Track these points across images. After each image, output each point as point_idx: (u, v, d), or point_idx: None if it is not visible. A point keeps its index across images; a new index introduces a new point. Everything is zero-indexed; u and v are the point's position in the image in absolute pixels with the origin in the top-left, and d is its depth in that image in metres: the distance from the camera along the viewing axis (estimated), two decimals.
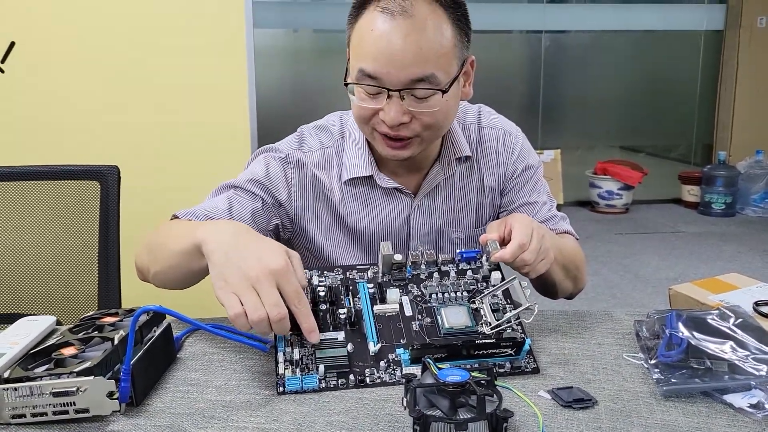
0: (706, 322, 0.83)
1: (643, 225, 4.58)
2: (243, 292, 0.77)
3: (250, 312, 0.76)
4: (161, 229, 1.04)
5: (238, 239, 0.84)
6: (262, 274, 0.78)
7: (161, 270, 0.99)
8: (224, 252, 0.82)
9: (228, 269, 0.80)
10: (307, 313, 0.80)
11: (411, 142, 1.01)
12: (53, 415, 0.71)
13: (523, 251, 0.92)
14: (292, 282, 0.79)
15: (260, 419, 0.73)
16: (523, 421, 0.71)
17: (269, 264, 0.79)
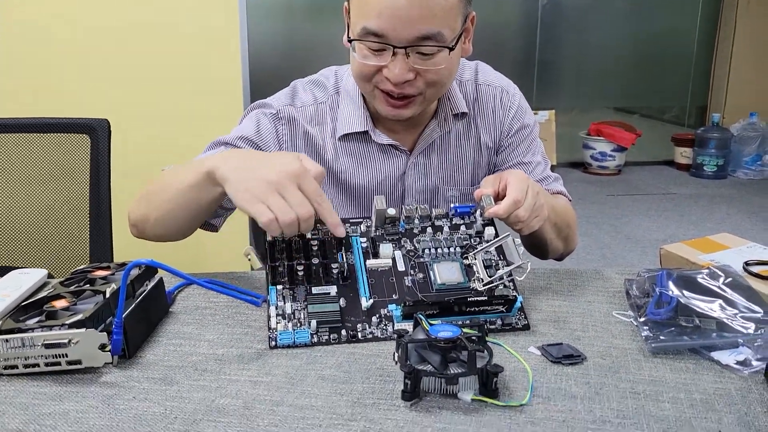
0: (696, 281, 0.84)
1: (635, 186, 4.59)
2: (268, 197, 0.80)
3: (280, 215, 0.79)
4: (156, 180, 1.02)
5: (249, 156, 0.88)
6: (284, 177, 0.80)
7: (163, 214, 0.96)
8: (239, 168, 0.84)
9: (248, 181, 0.82)
10: (330, 209, 0.83)
11: (413, 101, 1.00)
12: (45, 367, 0.71)
13: (518, 207, 0.91)
14: (312, 181, 0.82)
15: (252, 372, 0.74)
16: (513, 376, 0.72)
17: (286, 167, 0.81)
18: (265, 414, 0.66)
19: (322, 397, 0.69)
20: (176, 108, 2.17)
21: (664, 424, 0.64)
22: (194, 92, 2.17)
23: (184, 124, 2.15)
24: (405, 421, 0.64)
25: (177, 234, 1.00)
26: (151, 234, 1.01)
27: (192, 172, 0.90)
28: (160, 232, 1.00)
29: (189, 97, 2.17)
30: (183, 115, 2.16)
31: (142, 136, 2.09)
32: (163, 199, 0.96)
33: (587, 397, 0.69)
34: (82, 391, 0.69)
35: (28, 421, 0.64)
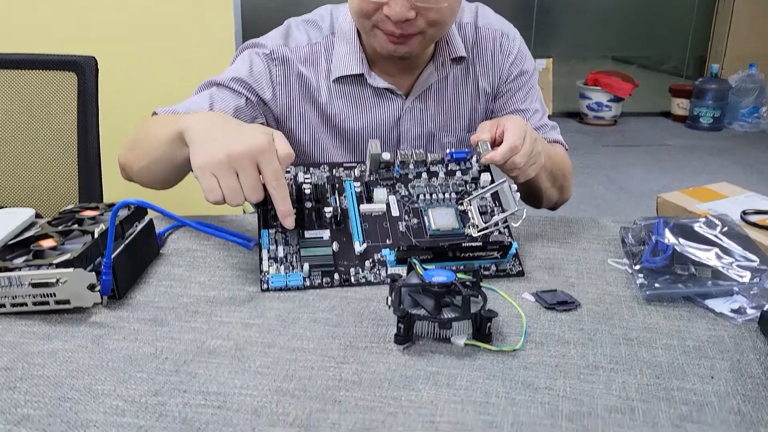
0: (693, 229, 0.83)
1: (631, 138, 4.56)
2: (222, 174, 0.75)
3: (228, 197, 0.76)
4: (143, 126, 1.00)
5: (221, 122, 0.82)
6: (244, 152, 0.75)
7: (145, 165, 0.95)
8: (206, 133, 0.80)
9: (209, 148, 0.77)
10: (285, 196, 0.77)
11: (413, 38, 0.97)
12: (33, 306, 0.70)
13: (515, 154, 0.90)
14: (273, 162, 0.76)
15: (244, 314, 0.73)
16: (506, 321, 0.72)
17: (251, 141, 0.76)
18: (256, 356, 0.65)
19: (314, 340, 0.68)
20: (166, 46, 2.11)
21: (656, 370, 0.64)
22: (184, 30, 2.11)
23: (173, 63, 2.10)
24: (397, 364, 0.64)
25: (161, 185, 0.99)
26: (137, 180, 1.01)
27: (168, 127, 0.87)
28: (145, 180, 0.99)
29: (179, 35, 2.11)
30: (172, 55, 2.11)
31: (131, 75, 2.04)
32: (145, 149, 0.95)
33: (580, 342, 0.68)
34: (71, 331, 0.69)
35: (16, 360, 0.63)
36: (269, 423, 0.55)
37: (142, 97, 2.04)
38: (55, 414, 0.56)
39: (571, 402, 0.59)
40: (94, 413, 0.56)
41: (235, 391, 0.60)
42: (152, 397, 0.58)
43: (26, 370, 0.62)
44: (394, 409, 0.57)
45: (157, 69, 2.10)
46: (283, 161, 0.77)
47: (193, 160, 0.78)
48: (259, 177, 0.76)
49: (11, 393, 0.58)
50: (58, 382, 0.60)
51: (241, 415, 0.56)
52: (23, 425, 0.54)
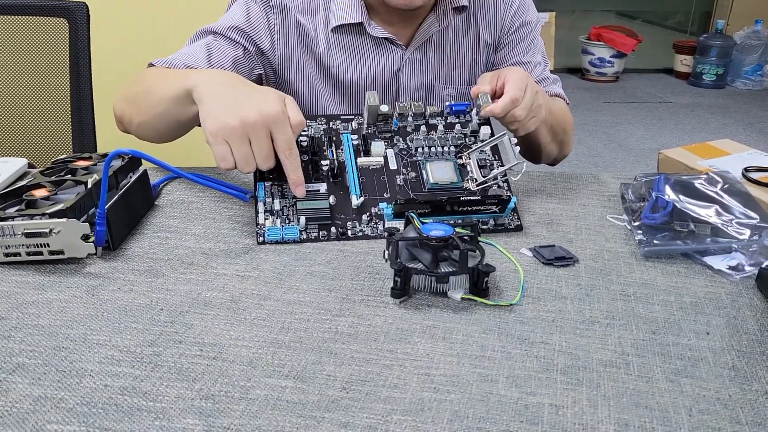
0: (694, 186, 0.82)
1: (632, 94, 4.51)
2: (236, 141, 0.74)
3: (240, 165, 0.75)
4: (142, 77, 0.97)
5: (232, 85, 0.80)
6: (258, 120, 0.73)
7: (146, 120, 0.93)
8: (217, 96, 0.78)
9: (222, 114, 0.75)
10: (297, 165, 0.77)
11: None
12: (27, 256, 0.69)
13: (515, 106, 0.88)
14: (286, 131, 0.75)
15: (240, 267, 0.72)
16: (504, 276, 0.72)
17: (265, 109, 0.74)
18: (252, 308, 0.65)
19: (311, 293, 0.68)
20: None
21: (652, 325, 0.64)
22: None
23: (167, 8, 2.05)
24: (394, 317, 0.64)
25: (161, 139, 0.97)
26: (135, 133, 0.98)
27: (174, 84, 0.85)
28: (144, 135, 0.97)
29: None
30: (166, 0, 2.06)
31: (124, 20, 2.00)
32: (145, 105, 0.92)
33: (577, 298, 0.68)
34: (66, 281, 0.68)
35: (11, 309, 0.63)
36: (264, 374, 0.55)
37: (135, 44, 2.00)
38: (50, 363, 0.56)
39: (567, 356, 0.59)
40: (89, 363, 0.56)
41: (231, 342, 0.59)
42: (147, 347, 0.58)
43: (20, 320, 0.62)
44: (390, 362, 0.57)
45: (151, 14, 2.05)
46: (295, 129, 0.77)
47: (206, 124, 0.76)
48: (272, 145, 0.75)
49: (6, 342, 0.58)
50: (52, 331, 0.60)
51: (236, 366, 0.56)
52: (18, 374, 0.54)
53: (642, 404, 0.53)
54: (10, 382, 0.53)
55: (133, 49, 1.99)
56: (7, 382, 0.53)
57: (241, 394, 0.53)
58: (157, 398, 0.52)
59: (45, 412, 0.50)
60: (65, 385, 0.53)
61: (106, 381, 0.54)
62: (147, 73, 0.97)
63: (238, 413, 0.51)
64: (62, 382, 0.53)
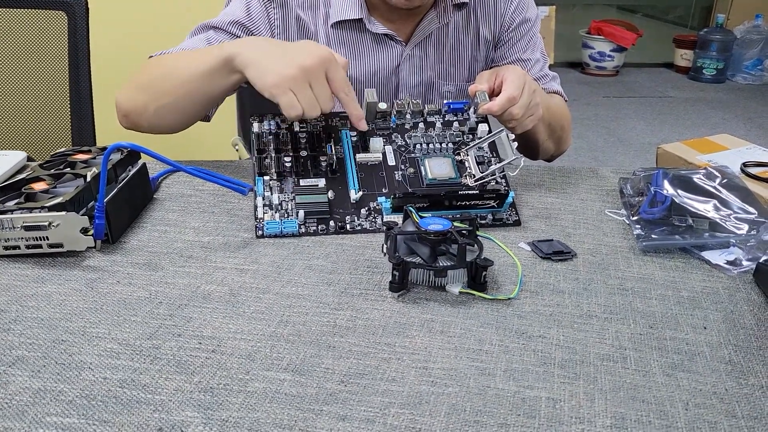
0: (692, 181, 0.83)
1: (632, 89, 4.50)
2: (299, 88, 0.78)
3: (307, 109, 0.79)
4: (152, 65, 0.96)
5: (273, 43, 0.86)
6: (315, 64, 0.78)
7: (169, 102, 0.91)
8: (265, 54, 0.82)
9: (278, 66, 0.79)
10: (355, 101, 0.83)
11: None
12: (26, 249, 0.69)
13: (513, 104, 0.88)
14: (339, 71, 0.80)
15: (239, 260, 0.73)
16: (502, 270, 0.72)
17: (317, 53, 0.79)
18: (251, 301, 0.65)
19: (309, 287, 0.68)
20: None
21: (650, 320, 0.64)
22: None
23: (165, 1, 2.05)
24: (392, 311, 0.64)
25: (176, 125, 0.95)
26: (146, 125, 0.96)
27: (208, 57, 0.86)
28: (159, 122, 0.94)
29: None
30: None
31: (123, 14, 1.99)
32: (172, 85, 0.91)
33: (575, 292, 0.68)
34: (65, 274, 0.68)
35: (10, 302, 0.63)
36: (263, 367, 0.56)
37: (134, 37, 1.99)
38: (49, 356, 0.56)
39: (564, 350, 0.59)
40: (88, 356, 0.56)
41: (230, 335, 0.60)
42: (146, 340, 0.59)
43: (20, 313, 0.62)
44: (388, 355, 0.58)
45: (149, 8, 2.04)
46: (344, 68, 0.81)
47: (266, 80, 0.79)
48: (329, 87, 0.80)
49: (5, 335, 0.58)
50: (52, 324, 0.60)
51: (235, 359, 0.57)
52: (17, 366, 0.54)
53: (639, 398, 0.54)
54: (9, 375, 0.53)
55: (131, 42, 1.98)
56: (7, 374, 0.53)
57: (240, 387, 0.53)
58: (156, 391, 0.52)
59: (44, 405, 0.50)
60: (64, 377, 0.53)
61: (105, 374, 0.54)
62: (159, 60, 0.96)
63: (236, 406, 0.51)
64: (61, 375, 0.54)
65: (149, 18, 2.04)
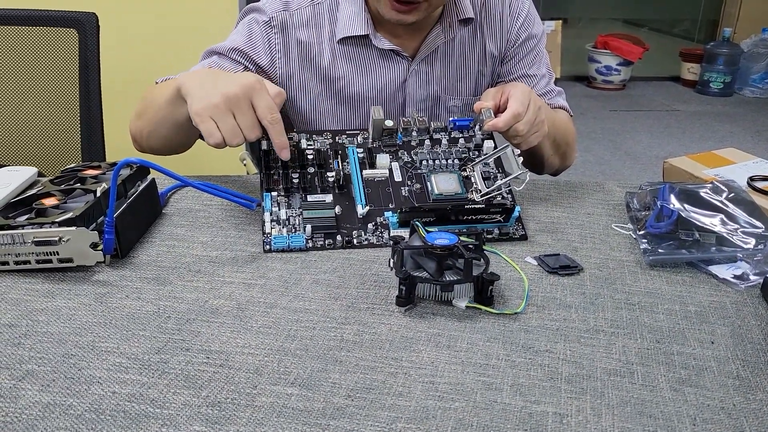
0: (699, 195, 0.83)
1: (639, 102, 4.51)
2: (220, 116, 0.78)
3: (228, 138, 0.79)
4: (146, 93, 1.01)
5: (213, 73, 0.87)
6: (238, 92, 0.78)
7: (152, 129, 0.96)
8: (199, 83, 0.83)
9: (205, 94, 0.80)
10: (280, 130, 0.81)
11: (418, 7, 0.95)
12: (37, 264, 0.70)
13: (518, 121, 0.89)
14: (266, 98, 0.80)
15: (246, 275, 0.73)
16: (508, 285, 0.72)
17: (243, 82, 0.79)
18: (258, 315, 0.65)
19: (317, 301, 0.68)
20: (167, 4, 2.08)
21: (657, 334, 0.64)
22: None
23: (175, 21, 2.07)
24: (399, 326, 0.64)
25: (170, 149, 1.00)
26: (147, 148, 1.01)
27: (168, 88, 0.90)
28: (155, 146, 1.00)
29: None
30: (174, 12, 2.08)
31: (132, 32, 2.01)
32: (152, 114, 0.96)
33: (582, 306, 0.68)
34: (75, 289, 0.69)
35: (21, 316, 0.64)
36: (270, 382, 0.56)
37: (143, 55, 2.02)
38: (59, 370, 0.56)
39: (571, 365, 0.59)
40: (97, 370, 0.57)
41: (237, 350, 0.60)
42: (155, 354, 0.59)
43: (30, 327, 0.62)
44: (395, 370, 0.58)
45: (159, 26, 2.07)
46: (275, 99, 0.81)
47: (191, 107, 0.81)
48: (255, 115, 0.79)
49: (16, 349, 0.59)
50: (61, 339, 0.61)
51: (242, 373, 0.57)
52: (27, 380, 0.55)
53: (646, 413, 0.53)
54: (19, 389, 0.54)
55: (141, 59, 2.00)
56: (17, 388, 0.54)
57: (247, 402, 0.53)
58: (164, 405, 0.53)
59: (54, 419, 0.51)
60: (74, 392, 0.54)
61: (114, 388, 0.54)
62: (150, 89, 1.01)
63: (244, 420, 0.51)
64: (71, 389, 0.54)
65: (159, 35, 2.06)
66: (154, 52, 2.02)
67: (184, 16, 2.07)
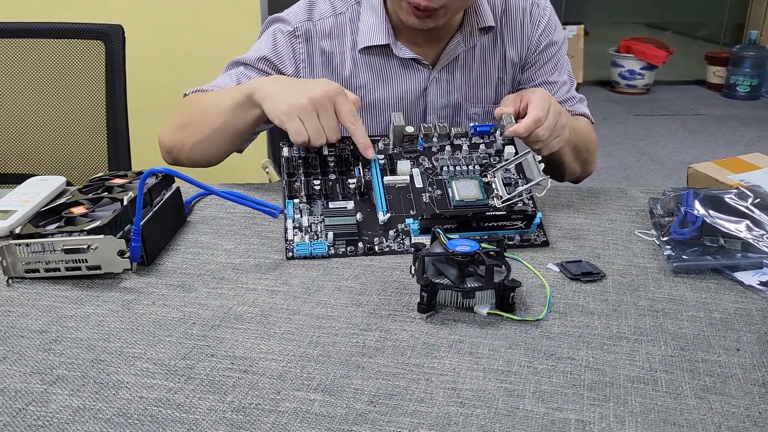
0: (724, 201, 0.82)
1: (664, 107, 4.46)
2: (307, 116, 0.83)
3: (313, 138, 0.83)
4: (188, 105, 1.02)
5: (289, 79, 0.95)
6: (323, 95, 0.83)
7: (202, 138, 0.97)
8: (280, 88, 0.87)
9: (290, 96, 0.84)
10: (363, 132, 0.87)
11: (438, 12, 0.96)
12: (66, 271, 0.72)
13: (538, 126, 0.89)
14: (347, 103, 0.85)
15: (269, 282, 0.74)
16: (530, 291, 0.72)
17: (327, 87, 0.84)
18: (281, 322, 0.66)
19: (339, 307, 0.69)
20: (191, 16, 2.11)
21: (681, 342, 0.63)
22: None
23: (199, 32, 2.10)
24: (420, 332, 0.65)
25: (212, 159, 1.01)
26: (185, 160, 1.01)
27: (232, 95, 0.93)
28: (196, 157, 1.00)
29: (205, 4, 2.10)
30: (198, 24, 2.11)
31: (158, 44, 2.05)
32: (200, 125, 0.97)
33: (605, 313, 0.68)
34: (103, 296, 0.71)
35: (51, 323, 0.65)
36: (294, 387, 0.57)
37: (169, 66, 2.05)
38: (88, 375, 0.58)
39: (594, 372, 0.59)
40: (125, 375, 0.58)
41: (261, 356, 0.61)
42: (181, 360, 0.60)
43: (60, 333, 0.64)
44: (417, 376, 0.58)
45: (183, 37, 2.10)
46: (354, 104, 0.86)
47: (277, 107, 0.85)
48: (336, 119, 0.85)
49: (46, 354, 0.60)
50: (90, 344, 0.62)
51: (266, 379, 0.58)
52: (58, 385, 0.56)
53: (670, 421, 0.53)
54: (51, 393, 0.55)
55: (166, 69, 2.04)
56: (48, 393, 0.55)
57: (271, 407, 0.54)
58: (190, 410, 0.54)
59: (84, 423, 0.52)
60: (103, 396, 0.55)
61: (142, 393, 0.56)
62: (193, 99, 1.02)
63: (268, 425, 0.52)
64: (100, 394, 0.55)
65: (183, 46, 2.09)
66: (178, 63, 2.06)
67: (207, 28, 2.10)
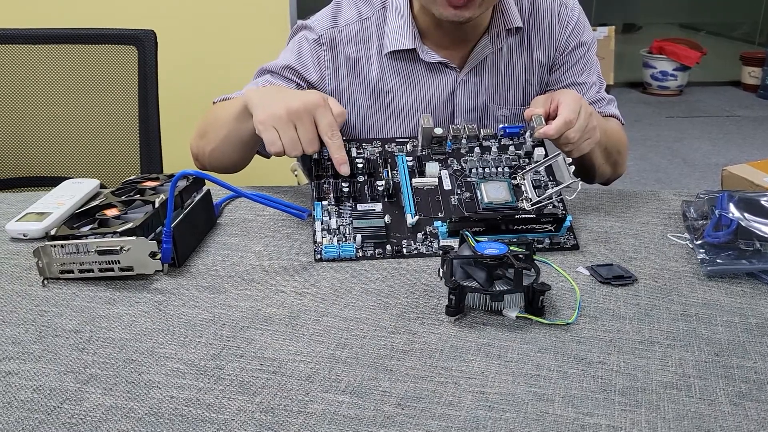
0: (759, 203, 0.80)
1: (697, 108, 4.38)
2: (282, 127, 0.83)
3: (287, 148, 0.83)
4: (209, 113, 1.05)
5: (278, 89, 0.95)
6: (301, 107, 0.83)
7: (216, 146, 0.99)
8: (265, 96, 0.88)
9: (270, 105, 0.84)
10: (339, 145, 0.85)
11: (473, 3, 0.95)
12: (99, 272, 0.73)
13: (569, 128, 0.88)
14: (327, 116, 0.84)
15: (298, 284, 0.74)
16: (560, 295, 0.71)
17: (307, 98, 0.84)
18: (310, 324, 0.67)
19: (367, 310, 0.69)
20: (222, 21, 2.14)
21: (715, 347, 0.62)
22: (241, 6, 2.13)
23: (230, 38, 2.13)
24: (448, 335, 0.64)
25: (230, 166, 1.03)
26: (208, 166, 1.04)
27: (234, 105, 0.94)
28: (216, 164, 1.03)
29: (236, 10, 2.13)
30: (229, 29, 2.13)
31: (190, 49, 2.08)
32: (213, 134, 1.00)
33: (636, 318, 0.67)
34: (135, 297, 0.72)
35: (84, 323, 0.67)
36: (322, 389, 0.57)
37: (199, 71, 2.08)
38: (120, 375, 0.59)
39: (625, 377, 0.58)
40: (156, 375, 0.59)
41: (290, 357, 0.61)
42: (211, 361, 0.61)
43: (93, 333, 0.65)
44: (445, 379, 0.58)
45: (214, 43, 2.13)
46: (337, 118, 0.85)
47: (256, 117, 0.85)
48: (315, 130, 0.83)
49: (80, 354, 0.62)
50: (123, 344, 0.63)
51: (294, 380, 0.58)
52: (91, 384, 0.57)
53: (704, 428, 0.52)
54: (84, 392, 0.56)
55: (197, 75, 2.07)
56: (82, 391, 0.56)
57: (300, 408, 0.54)
58: (219, 410, 0.54)
59: (116, 421, 0.53)
60: (134, 395, 0.56)
61: (172, 392, 0.56)
62: (212, 108, 1.05)
63: (296, 427, 0.52)
64: (132, 393, 0.56)
65: (214, 52, 2.12)
66: (209, 68, 2.09)
67: (236, 33, 2.13)
